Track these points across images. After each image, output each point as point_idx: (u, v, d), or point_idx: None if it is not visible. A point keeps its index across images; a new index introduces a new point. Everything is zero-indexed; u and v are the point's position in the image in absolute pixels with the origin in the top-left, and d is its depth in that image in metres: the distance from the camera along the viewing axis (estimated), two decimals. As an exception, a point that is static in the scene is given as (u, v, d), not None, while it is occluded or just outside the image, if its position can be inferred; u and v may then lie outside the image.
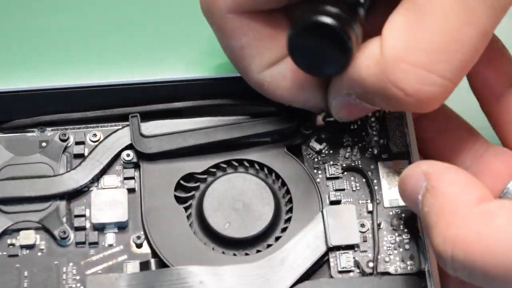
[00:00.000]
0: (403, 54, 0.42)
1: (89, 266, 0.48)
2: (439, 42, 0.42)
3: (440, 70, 0.42)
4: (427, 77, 0.42)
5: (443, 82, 0.43)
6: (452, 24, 0.42)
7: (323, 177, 0.51)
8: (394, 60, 0.43)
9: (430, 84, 0.43)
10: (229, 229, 0.49)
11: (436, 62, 0.42)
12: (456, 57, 0.42)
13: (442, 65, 0.42)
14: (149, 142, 0.50)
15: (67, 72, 0.51)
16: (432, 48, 0.42)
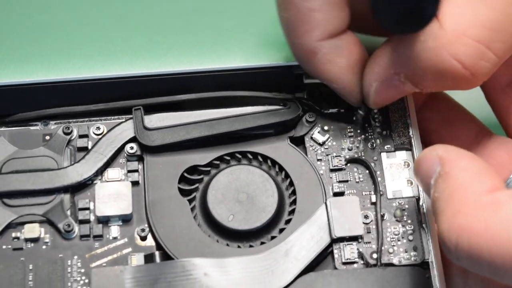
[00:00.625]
0: (466, 29, 0.44)
1: (93, 259, 0.49)
2: (499, 21, 0.44)
3: (496, 48, 0.44)
4: (485, 53, 0.44)
5: (495, 60, 0.45)
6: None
7: (327, 168, 0.51)
8: (456, 34, 0.44)
9: (487, 59, 0.44)
10: (233, 221, 0.49)
11: (495, 40, 0.44)
12: (511, 39, 0.44)
13: (498, 44, 0.44)
14: (152, 135, 0.51)
15: (70, 65, 0.51)
16: (493, 26, 0.44)
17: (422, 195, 0.50)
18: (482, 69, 0.45)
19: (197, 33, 0.53)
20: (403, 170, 0.51)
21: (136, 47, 0.52)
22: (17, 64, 0.51)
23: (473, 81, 0.45)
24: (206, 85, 0.52)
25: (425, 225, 0.49)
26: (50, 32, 0.53)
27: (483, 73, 0.45)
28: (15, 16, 0.54)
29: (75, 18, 0.54)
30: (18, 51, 0.52)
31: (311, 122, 0.52)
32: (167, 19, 0.54)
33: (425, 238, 0.49)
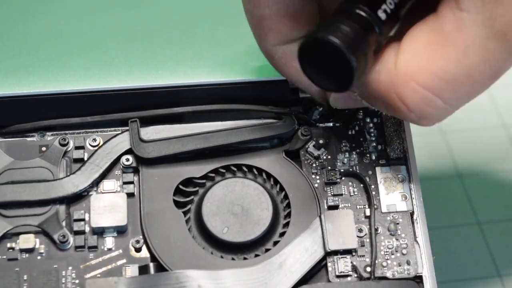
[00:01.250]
0: (416, 73, 0.43)
1: (88, 270, 0.49)
2: (453, 72, 0.43)
3: (446, 97, 0.44)
4: (432, 100, 0.44)
5: (446, 108, 0.44)
6: (470, 61, 0.42)
7: (321, 182, 0.51)
8: (405, 76, 0.44)
9: (434, 106, 0.44)
10: (228, 234, 0.49)
11: (445, 89, 0.43)
12: (465, 90, 0.43)
13: (449, 94, 0.43)
14: (148, 147, 0.51)
15: (67, 77, 0.52)
16: (444, 76, 0.43)
17: (416, 210, 0.50)
18: (429, 114, 0.44)
19: (194, 46, 0.53)
20: (398, 184, 0.51)
21: (133, 59, 0.53)
22: (14, 76, 0.52)
23: (422, 123, 0.45)
24: (202, 98, 0.52)
25: (419, 239, 0.49)
26: (47, 44, 0.54)
27: (431, 119, 0.45)
28: (12, 28, 0.55)
29: (72, 31, 0.54)
30: (15, 63, 0.52)
31: (306, 135, 0.52)
32: (164, 32, 0.55)
33: (418, 252, 0.49)
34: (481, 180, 0.67)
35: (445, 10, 0.43)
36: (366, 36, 0.43)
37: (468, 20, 0.41)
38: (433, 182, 0.68)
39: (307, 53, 0.43)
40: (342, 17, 0.43)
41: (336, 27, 0.42)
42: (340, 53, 0.42)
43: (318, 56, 0.43)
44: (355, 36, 0.42)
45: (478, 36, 0.41)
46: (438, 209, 0.67)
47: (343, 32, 0.42)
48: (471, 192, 0.59)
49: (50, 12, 0.56)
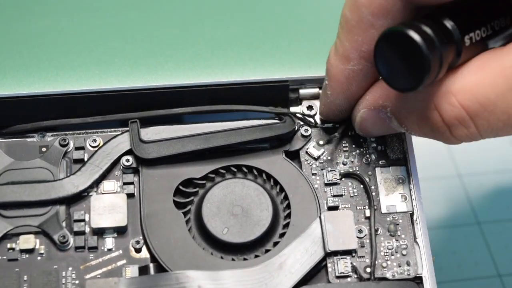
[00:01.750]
0: (459, 90, 0.44)
1: (88, 271, 0.49)
2: (493, 103, 0.43)
3: (479, 124, 0.44)
4: (466, 121, 0.44)
5: (475, 132, 0.44)
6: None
7: (321, 183, 0.51)
8: (448, 90, 0.44)
9: (466, 126, 0.44)
10: (228, 234, 0.49)
11: (480, 116, 0.44)
12: (498, 124, 0.44)
13: (483, 121, 0.44)
14: (148, 148, 0.51)
15: (67, 78, 0.52)
16: (485, 103, 0.43)
17: (416, 211, 0.50)
18: (459, 132, 0.45)
19: (194, 47, 0.54)
20: (397, 185, 0.51)
21: (133, 60, 0.53)
22: (14, 76, 0.52)
23: (451, 140, 0.46)
24: (203, 99, 0.52)
25: (419, 240, 0.50)
26: (47, 44, 0.54)
27: (460, 136, 0.45)
28: (12, 29, 0.55)
29: (72, 31, 0.55)
30: (15, 63, 0.52)
31: (306, 136, 0.52)
32: (164, 33, 0.55)
33: (418, 253, 0.49)
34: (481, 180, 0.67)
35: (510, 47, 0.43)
36: (447, 46, 0.43)
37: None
38: (433, 182, 0.68)
39: (385, 44, 0.43)
40: (429, 21, 0.43)
41: (420, 27, 0.42)
42: (418, 51, 0.42)
43: (395, 51, 0.43)
44: (436, 41, 0.42)
45: None
46: (438, 209, 0.67)
47: (427, 32, 0.42)
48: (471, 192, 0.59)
49: (50, 13, 0.56)
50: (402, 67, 0.43)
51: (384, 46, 0.44)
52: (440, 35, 0.43)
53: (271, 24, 0.50)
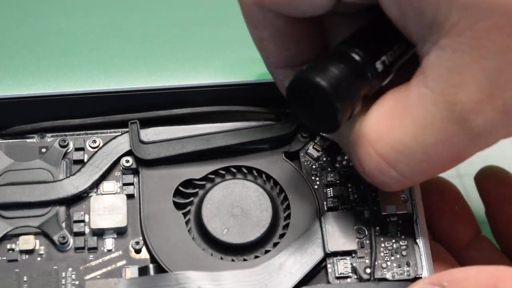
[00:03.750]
0: (374, 140, 0.43)
1: (88, 271, 0.49)
2: (408, 146, 0.42)
3: (401, 170, 0.43)
4: (386, 169, 0.43)
5: (401, 179, 0.43)
6: (427, 139, 0.41)
7: (321, 183, 0.51)
8: (365, 140, 0.43)
9: (388, 176, 0.43)
10: (228, 235, 0.49)
11: (400, 162, 0.43)
12: (421, 166, 0.43)
13: (404, 167, 0.43)
14: (148, 149, 0.51)
15: (67, 79, 0.52)
16: (400, 149, 0.42)
17: (416, 211, 0.50)
18: (383, 182, 0.44)
19: (194, 48, 0.54)
20: (397, 186, 0.51)
21: (133, 61, 0.53)
22: (14, 77, 0.52)
23: (380, 187, 0.45)
24: (202, 99, 0.52)
25: (419, 241, 0.50)
26: (47, 45, 0.54)
27: (385, 186, 0.44)
28: (12, 29, 0.55)
29: (72, 32, 0.55)
30: (15, 64, 0.52)
31: (306, 137, 0.52)
32: (164, 33, 0.55)
33: (418, 254, 0.49)
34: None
35: (413, 83, 0.42)
36: (357, 82, 0.42)
37: (430, 99, 0.41)
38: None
39: (295, 91, 0.43)
40: (335, 58, 0.42)
41: (326, 68, 0.42)
42: (326, 96, 0.41)
43: (305, 96, 0.43)
44: (344, 80, 0.41)
45: (438, 117, 0.41)
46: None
47: (332, 74, 0.41)
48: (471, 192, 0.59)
49: (50, 13, 0.56)
50: (316, 110, 0.43)
51: (294, 92, 0.43)
52: (348, 73, 0.42)
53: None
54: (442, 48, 0.40)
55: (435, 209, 0.55)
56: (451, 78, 0.40)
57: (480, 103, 0.40)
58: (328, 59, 0.42)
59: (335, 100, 0.41)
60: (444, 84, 0.40)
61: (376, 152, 0.43)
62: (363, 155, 0.44)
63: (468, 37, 0.39)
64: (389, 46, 0.44)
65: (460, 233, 0.55)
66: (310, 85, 0.41)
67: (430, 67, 0.40)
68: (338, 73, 0.41)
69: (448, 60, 0.40)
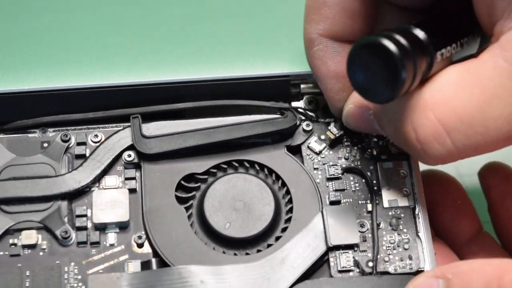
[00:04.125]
0: (436, 104, 0.43)
1: (90, 266, 0.49)
2: (472, 115, 0.42)
3: (456, 139, 0.43)
4: (442, 136, 0.43)
5: (452, 149, 0.43)
6: (492, 111, 0.42)
7: (323, 177, 0.51)
8: (426, 104, 0.43)
9: (442, 143, 0.43)
10: (230, 229, 0.49)
11: (458, 130, 0.43)
12: (476, 138, 0.43)
13: (460, 136, 0.43)
14: (150, 143, 0.51)
15: (68, 73, 0.52)
16: (463, 115, 0.42)
17: (418, 205, 0.50)
18: (434, 150, 0.44)
19: (195, 42, 0.54)
20: (399, 180, 0.51)
21: (135, 55, 0.53)
22: (16, 72, 0.52)
23: (425, 158, 0.45)
24: (204, 94, 0.52)
25: (421, 234, 0.50)
26: (48, 40, 0.54)
27: (434, 156, 0.44)
28: (13, 24, 0.55)
29: (73, 27, 0.55)
30: (16, 59, 0.52)
31: (308, 131, 0.52)
32: (166, 28, 0.55)
33: (420, 247, 0.49)
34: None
35: (487, 56, 0.42)
36: (421, 58, 0.43)
37: (506, 71, 0.41)
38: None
39: (359, 54, 0.43)
40: (404, 34, 0.43)
41: (395, 38, 0.42)
42: (393, 62, 0.41)
43: (369, 61, 0.42)
44: (412, 51, 0.42)
45: (510, 91, 0.41)
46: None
47: (401, 43, 0.42)
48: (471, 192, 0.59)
49: (51, 9, 0.56)
50: (376, 78, 0.42)
51: (357, 57, 0.43)
52: (414, 45, 0.42)
53: (272, 19, 0.51)
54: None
55: (437, 203, 0.55)
56: None
57: None
58: (398, 31, 0.43)
59: (401, 67, 0.41)
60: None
61: (436, 117, 0.43)
62: (420, 120, 0.43)
63: None
64: (451, 41, 0.44)
65: (462, 228, 0.55)
66: (380, 49, 0.41)
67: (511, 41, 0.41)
68: (407, 44, 0.42)
69: None
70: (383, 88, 0.42)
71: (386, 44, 0.41)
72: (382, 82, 0.42)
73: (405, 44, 0.42)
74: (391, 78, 0.42)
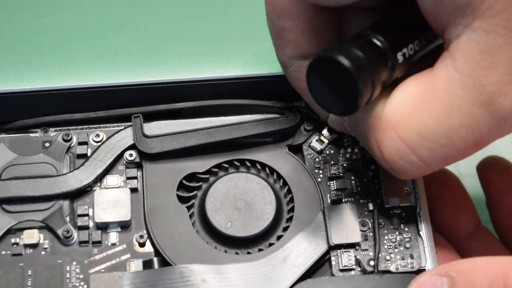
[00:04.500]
0: (397, 123, 0.43)
1: (92, 265, 0.49)
2: (433, 130, 0.42)
3: (422, 155, 0.43)
4: (407, 154, 0.43)
5: (420, 165, 0.43)
6: (452, 122, 0.42)
7: (324, 176, 0.51)
8: (387, 123, 0.43)
9: (408, 161, 0.43)
10: (231, 228, 0.49)
11: (422, 146, 0.43)
12: (443, 151, 0.43)
13: (426, 151, 0.43)
14: (151, 142, 0.51)
15: (70, 73, 0.52)
16: (424, 132, 0.42)
17: (419, 204, 0.50)
18: (402, 167, 0.44)
19: (196, 42, 0.54)
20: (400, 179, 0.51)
21: (136, 55, 0.53)
22: (17, 72, 0.52)
23: (395, 174, 0.45)
24: (205, 93, 0.52)
25: (422, 233, 0.50)
26: (50, 39, 0.54)
27: (403, 172, 0.44)
28: (14, 24, 0.55)
29: (75, 26, 0.55)
30: (18, 59, 0.52)
31: (309, 130, 0.52)
32: (166, 27, 0.55)
33: (421, 246, 0.49)
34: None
35: (440, 67, 0.42)
36: (378, 67, 0.42)
37: (459, 81, 0.41)
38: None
39: (316, 70, 0.43)
40: (359, 42, 0.42)
41: (349, 50, 0.42)
42: (348, 76, 0.41)
43: (326, 76, 0.43)
44: (367, 63, 0.42)
45: (466, 100, 0.41)
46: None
47: (356, 55, 0.42)
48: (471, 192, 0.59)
49: (53, 8, 0.56)
50: (336, 91, 0.43)
51: (315, 72, 0.43)
52: (371, 56, 0.42)
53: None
54: (475, 30, 0.40)
55: (436, 199, 0.55)
56: (482, 60, 0.40)
57: (508, 85, 0.40)
58: (352, 42, 0.43)
59: (357, 81, 0.41)
60: (474, 66, 0.40)
61: (399, 136, 0.43)
62: (384, 140, 0.43)
63: (503, 19, 0.39)
64: (411, 39, 0.44)
65: (461, 224, 0.55)
66: (334, 64, 0.41)
67: (461, 49, 0.41)
68: (362, 55, 0.42)
69: (480, 42, 0.40)
70: (343, 100, 0.43)
71: (339, 58, 0.41)
72: (341, 95, 0.42)
73: (359, 56, 0.41)
74: (349, 90, 0.42)
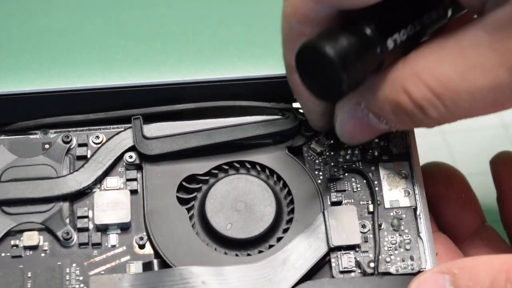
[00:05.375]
0: (422, 71, 0.43)
1: (92, 267, 0.49)
2: (455, 84, 0.42)
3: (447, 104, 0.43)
4: (432, 101, 0.43)
5: (444, 112, 0.44)
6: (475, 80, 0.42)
7: (324, 178, 0.51)
8: (412, 71, 0.43)
9: (434, 107, 0.43)
10: (231, 230, 0.49)
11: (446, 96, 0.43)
12: (464, 105, 0.43)
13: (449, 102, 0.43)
14: (151, 144, 0.51)
15: (69, 75, 0.52)
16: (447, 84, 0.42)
17: (419, 205, 0.50)
18: (431, 113, 0.44)
19: (197, 43, 0.54)
20: (400, 180, 0.51)
21: (136, 56, 0.53)
22: (17, 73, 0.52)
23: (427, 122, 0.45)
24: (205, 95, 0.52)
25: (422, 235, 0.50)
26: (49, 41, 0.54)
27: (431, 116, 0.44)
28: (14, 25, 0.55)
29: (74, 28, 0.55)
30: (18, 60, 0.52)
31: (309, 132, 0.52)
32: (166, 29, 0.55)
33: (422, 248, 0.49)
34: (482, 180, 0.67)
35: (469, 28, 0.42)
36: (366, 56, 0.43)
37: (487, 42, 0.41)
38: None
39: (303, 58, 0.43)
40: (347, 29, 0.43)
41: (336, 38, 0.42)
42: (332, 66, 0.41)
43: (313, 63, 0.43)
44: (352, 52, 0.42)
45: (491, 61, 0.41)
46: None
47: (341, 45, 0.42)
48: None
49: (52, 10, 0.56)
50: (323, 78, 0.43)
51: (303, 59, 0.43)
52: (357, 44, 0.42)
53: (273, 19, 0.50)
54: None
55: (440, 197, 0.55)
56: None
57: None
58: (340, 29, 0.43)
59: (340, 71, 0.41)
60: (505, 32, 0.41)
61: (424, 82, 0.43)
62: (410, 85, 0.43)
63: None
64: (403, 24, 0.44)
65: (466, 222, 0.55)
66: (318, 53, 0.42)
67: (493, 15, 0.41)
68: (347, 44, 0.42)
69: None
70: (331, 88, 0.43)
71: (322, 47, 0.41)
72: (329, 82, 0.43)
73: (343, 44, 0.42)
74: (333, 77, 0.42)
